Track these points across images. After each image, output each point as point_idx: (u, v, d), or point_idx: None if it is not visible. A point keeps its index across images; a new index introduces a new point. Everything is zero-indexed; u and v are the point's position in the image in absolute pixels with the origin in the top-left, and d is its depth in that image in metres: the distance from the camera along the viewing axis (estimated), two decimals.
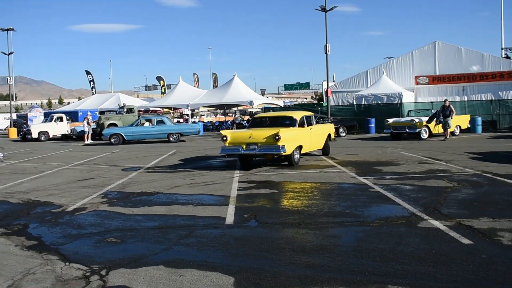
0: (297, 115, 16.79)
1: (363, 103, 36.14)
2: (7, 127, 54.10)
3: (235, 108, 55.07)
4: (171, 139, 30.20)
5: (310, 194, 10.76)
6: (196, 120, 56.50)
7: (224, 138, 15.29)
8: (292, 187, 11.73)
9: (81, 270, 5.96)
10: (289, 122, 16.29)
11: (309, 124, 16.95)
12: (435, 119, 25.30)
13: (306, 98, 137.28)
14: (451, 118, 24.95)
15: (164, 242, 7.12)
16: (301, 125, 16.29)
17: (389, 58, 55.18)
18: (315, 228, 7.62)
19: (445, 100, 26.06)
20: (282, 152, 14.52)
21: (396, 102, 34.15)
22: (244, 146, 14.96)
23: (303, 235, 7.27)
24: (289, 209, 9.17)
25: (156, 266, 5.99)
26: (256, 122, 17.36)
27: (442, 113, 24.79)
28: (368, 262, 5.86)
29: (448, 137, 24.95)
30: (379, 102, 35.28)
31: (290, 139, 14.93)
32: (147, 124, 30.94)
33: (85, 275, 5.77)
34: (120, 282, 5.51)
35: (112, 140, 29.65)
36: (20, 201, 11.01)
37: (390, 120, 27.30)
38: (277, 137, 14.40)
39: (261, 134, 14.96)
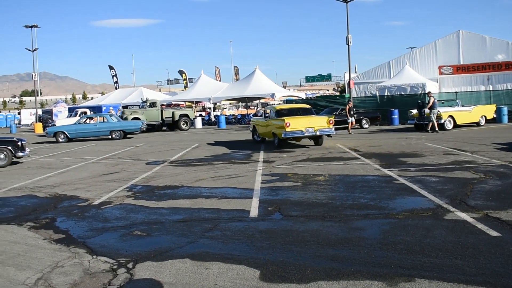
0: (309, 107, 21.35)
1: (386, 94, 35.79)
2: (32, 122, 54.89)
3: (257, 101, 55.02)
4: (113, 135, 30.07)
5: (334, 186, 10.72)
6: (218, 113, 56.57)
7: (287, 124, 18.25)
8: (316, 179, 11.69)
9: (108, 263, 6.03)
10: (310, 112, 20.46)
11: None
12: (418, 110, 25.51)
13: (327, 90, 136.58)
14: (431, 112, 24.25)
15: (189, 235, 7.17)
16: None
17: (411, 48, 54.55)
18: (340, 221, 7.59)
19: (428, 92, 26.03)
20: (333, 133, 19.59)
21: (420, 92, 33.73)
22: (304, 129, 18.37)
23: (327, 227, 7.24)
24: (313, 202, 9.14)
25: (182, 259, 6.04)
26: (281, 113, 20.02)
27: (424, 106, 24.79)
28: (394, 255, 5.82)
29: (436, 129, 24.13)
30: (402, 93, 34.90)
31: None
32: (91, 122, 31.11)
33: (112, 268, 5.84)
34: (146, 275, 5.57)
35: (59, 139, 29.38)
36: (47, 195, 11.17)
37: (414, 111, 26.95)
38: (331, 122, 19.26)
39: (317, 120, 19.30)
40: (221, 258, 5.97)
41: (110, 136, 30.06)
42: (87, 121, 31.19)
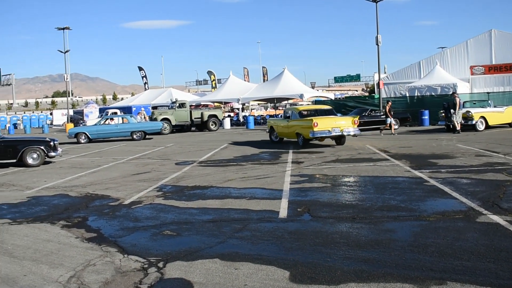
0: (330, 108, 22.21)
1: (416, 94, 35.39)
2: (64, 122, 55.87)
3: (285, 102, 54.92)
4: (134, 137, 30.15)
5: (363, 187, 10.64)
6: (247, 114, 56.70)
7: (315, 124, 18.72)
8: (345, 180, 11.63)
9: (139, 262, 6.10)
10: (332, 112, 21.21)
11: None
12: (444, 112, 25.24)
13: (356, 91, 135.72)
14: (455, 112, 24.33)
15: (219, 235, 7.21)
16: None
17: (442, 48, 53.74)
18: (369, 223, 7.54)
19: (453, 93, 26.00)
20: (358, 133, 20.56)
21: (451, 93, 33.24)
22: (330, 129, 18.91)
23: (357, 229, 7.20)
24: (342, 203, 9.10)
25: (212, 259, 6.07)
26: (303, 114, 20.76)
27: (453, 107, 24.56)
28: (425, 258, 5.75)
29: (457, 130, 24.18)
30: (433, 94, 34.47)
31: None
32: (112, 122, 31.19)
33: (143, 267, 5.91)
34: (177, 274, 5.62)
35: (81, 140, 29.54)
36: (79, 195, 11.36)
37: None
38: (355, 122, 19.83)
39: (342, 121, 19.93)
40: (251, 259, 5.99)
41: (131, 137, 30.26)
42: (108, 122, 31.45)
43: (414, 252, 5.99)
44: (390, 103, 27.51)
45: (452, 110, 24.45)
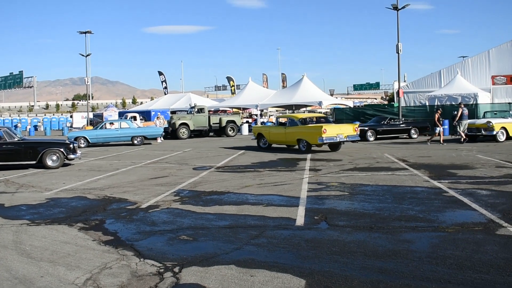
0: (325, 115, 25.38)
1: (436, 103, 35.07)
2: (84, 125, 56.33)
3: (304, 109, 54.82)
4: (135, 141, 30.12)
5: (381, 197, 10.55)
6: (265, 120, 56.68)
7: (324, 131, 19.93)
8: (363, 189, 11.55)
9: (155, 267, 6.11)
10: (328, 120, 23.75)
11: None
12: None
13: (375, 99, 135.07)
14: (457, 122, 25.14)
15: (235, 241, 7.19)
16: None
17: (463, 57, 53.40)
18: (387, 232, 7.47)
19: (459, 103, 27.03)
20: (358, 139, 22.35)
21: (471, 103, 32.88)
22: (335, 135, 20.33)
23: (375, 239, 7.14)
24: (360, 212, 9.03)
25: (228, 265, 6.06)
26: (305, 121, 22.08)
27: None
28: (443, 270, 5.68)
29: (462, 140, 24.74)
30: (453, 103, 34.12)
31: None
32: (112, 127, 31.06)
33: (159, 272, 5.91)
34: (192, 279, 5.61)
35: (80, 144, 28.52)
36: (97, 197, 11.43)
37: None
38: (356, 129, 21.44)
39: (345, 128, 21.61)
40: (267, 266, 5.97)
41: (131, 142, 30.27)
42: (108, 126, 31.46)
43: (432, 263, 5.92)
44: (440, 111, 26.48)
45: (456, 121, 25.21)
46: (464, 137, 24.63)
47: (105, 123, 32.15)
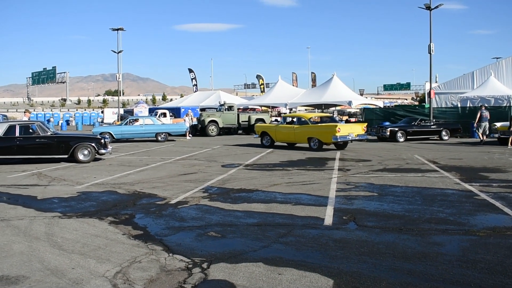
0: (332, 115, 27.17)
1: (468, 105, 34.49)
2: (114, 121, 57.00)
3: (333, 108, 54.56)
4: (159, 138, 30.38)
5: (411, 198, 10.44)
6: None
7: (338, 130, 20.96)
8: (392, 190, 11.44)
9: (184, 262, 6.17)
10: (334, 119, 25.04)
11: None
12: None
13: (406, 99, 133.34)
14: (477, 124, 26.18)
15: (263, 239, 7.21)
16: None
17: (497, 58, 52.37)
18: (417, 235, 7.39)
19: (481, 106, 27.82)
20: (366, 138, 23.79)
21: (505, 105, 32.23)
22: (347, 134, 21.36)
23: (404, 240, 7.07)
24: (389, 213, 8.95)
25: (256, 263, 6.08)
26: (315, 121, 23.53)
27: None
28: (474, 274, 5.60)
29: (481, 141, 25.64)
30: (486, 105, 33.49)
31: None
32: (136, 123, 31.34)
33: (188, 267, 5.97)
34: (220, 276, 5.65)
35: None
36: (127, 192, 11.58)
37: (498, 124, 25.81)
38: (364, 128, 22.62)
39: (355, 127, 22.78)
40: (294, 265, 5.97)
41: (155, 138, 30.57)
42: (133, 122, 31.82)
43: (462, 267, 5.84)
44: None
45: (476, 123, 26.21)
46: (482, 138, 25.46)
47: (129, 119, 32.60)
